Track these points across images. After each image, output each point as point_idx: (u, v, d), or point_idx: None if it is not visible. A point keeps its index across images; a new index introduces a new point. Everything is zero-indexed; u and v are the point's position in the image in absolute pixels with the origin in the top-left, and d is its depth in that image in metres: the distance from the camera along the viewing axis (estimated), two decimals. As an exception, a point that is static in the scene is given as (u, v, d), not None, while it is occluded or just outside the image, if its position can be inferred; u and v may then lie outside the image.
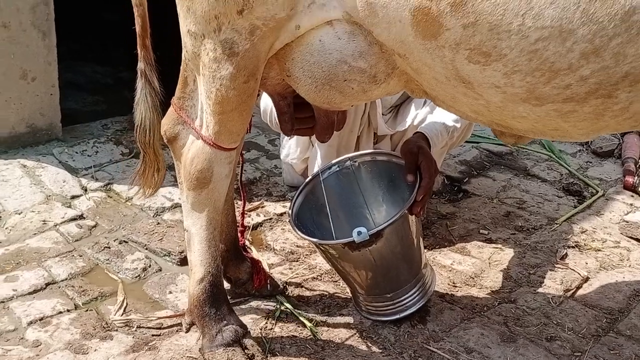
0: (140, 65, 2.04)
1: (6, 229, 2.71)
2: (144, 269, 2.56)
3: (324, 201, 2.32)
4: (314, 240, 2.20)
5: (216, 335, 2.06)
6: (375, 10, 1.58)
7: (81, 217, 2.85)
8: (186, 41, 1.85)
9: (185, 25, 1.80)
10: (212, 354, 2.05)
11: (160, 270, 2.58)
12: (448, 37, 1.51)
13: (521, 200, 3.20)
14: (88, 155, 3.28)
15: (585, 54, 1.42)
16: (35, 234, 2.71)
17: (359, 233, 2.06)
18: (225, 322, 2.08)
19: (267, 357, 2.11)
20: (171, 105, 2.02)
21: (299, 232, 2.18)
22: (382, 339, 2.24)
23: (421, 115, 2.78)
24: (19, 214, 2.80)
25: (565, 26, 1.40)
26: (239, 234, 2.40)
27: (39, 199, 2.91)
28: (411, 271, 2.29)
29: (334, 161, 2.39)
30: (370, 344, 2.21)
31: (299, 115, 2.14)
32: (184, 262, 2.60)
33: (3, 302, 2.33)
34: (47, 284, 2.43)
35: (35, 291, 2.39)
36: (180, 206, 2.95)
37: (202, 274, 2.08)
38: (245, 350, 2.07)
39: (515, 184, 3.35)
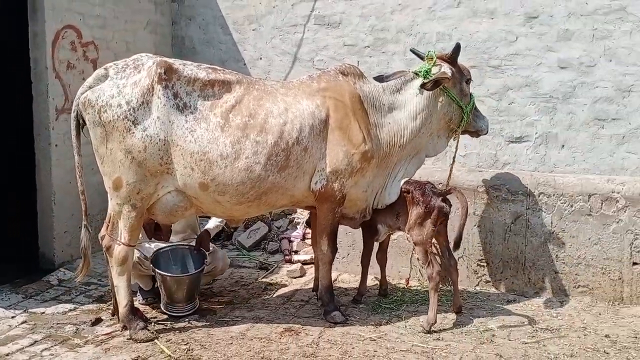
0: (84, 221, 5.01)
1: (-8, 331, 5.17)
2: (77, 329, 5.23)
3: (162, 262, 5.45)
4: (171, 275, 5.31)
5: (136, 325, 4.93)
6: (186, 186, 4.86)
7: (24, 322, 5.38)
8: (114, 207, 4.87)
9: (114, 200, 4.86)
10: (136, 334, 4.91)
11: (84, 329, 5.28)
12: (211, 189, 4.85)
13: (241, 277, 6.55)
14: (5, 300, 5.77)
15: (251, 189, 4.86)
16: (9, 332, 5.19)
17: (202, 266, 5.32)
18: (139, 320, 4.97)
19: (159, 336, 5.03)
20: (106, 235, 5.00)
21: (160, 271, 5.27)
22: (204, 325, 5.32)
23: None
24: (-8, 326, 5.27)
25: (245, 182, 4.83)
26: (125, 298, 5.32)
27: (-4, 319, 5.39)
28: (196, 292, 5.47)
29: (163, 246, 5.57)
30: (200, 326, 5.28)
31: (157, 231, 5.34)
32: (94, 323, 5.34)
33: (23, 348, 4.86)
34: (35, 341, 4.99)
35: (32, 344, 4.94)
36: (74, 310, 5.70)
37: (125, 302, 4.96)
38: (149, 330, 4.97)
39: (237, 272, 6.72)
